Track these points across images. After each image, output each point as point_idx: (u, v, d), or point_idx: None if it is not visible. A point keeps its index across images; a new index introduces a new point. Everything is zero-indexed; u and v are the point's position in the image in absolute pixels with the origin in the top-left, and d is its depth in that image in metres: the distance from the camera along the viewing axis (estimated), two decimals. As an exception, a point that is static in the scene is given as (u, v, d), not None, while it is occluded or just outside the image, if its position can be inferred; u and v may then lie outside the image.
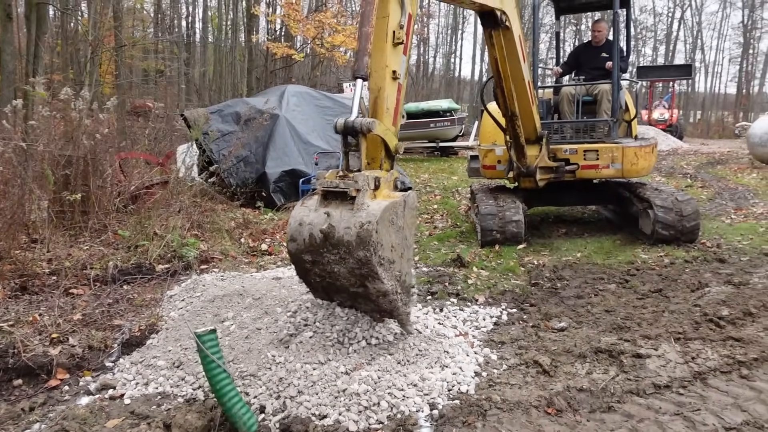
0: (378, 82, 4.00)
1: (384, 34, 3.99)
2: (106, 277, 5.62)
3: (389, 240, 3.63)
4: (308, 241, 3.63)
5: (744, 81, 49.95)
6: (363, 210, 3.52)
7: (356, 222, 3.47)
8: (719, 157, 19.54)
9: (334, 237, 3.52)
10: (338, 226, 3.51)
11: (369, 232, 3.43)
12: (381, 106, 3.96)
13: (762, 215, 9.08)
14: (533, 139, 7.23)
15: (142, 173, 8.46)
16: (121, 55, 22.37)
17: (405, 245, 3.88)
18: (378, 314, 3.90)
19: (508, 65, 6.27)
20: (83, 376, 3.93)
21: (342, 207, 3.61)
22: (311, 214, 3.66)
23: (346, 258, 3.54)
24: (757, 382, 3.63)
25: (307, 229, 3.62)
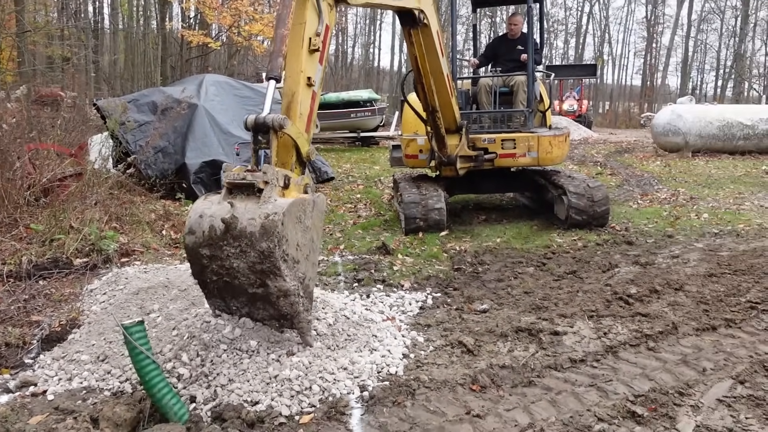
0: (292, 86, 3.91)
1: (300, 40, 3.92)
2: (20, 272, 5.39)
3: (295, 237, 3.43)
4: (208, 234, 3.37)
5: (648, 73, 52.53)
6: (270, 203, 3.34)
7: (261, 213, 3.28)
8: (626, 146, 20.56)
9: (237, 228, 3.29)
10: (242, 217, 3.30)
11: (275, 222, 3.25)
12: (294, 111, 3.86)
13: (665, 200, 9.67)
14: (453, 129, 7.42)
15: (54, 165, 8.10)
16: (24, 41, 21.20)
17: (311, 248, 3.67)
18: (277, 321, 3.62)
19: (428, 61, 6.40)
20: (1, 374, 3.78)
21: (248, 200, 3.41)
22: (213, 206, 3.43)
23: (248, 251, 3.31)
24: (663, 353, 3.92)
25: (208, 221, 3.38)
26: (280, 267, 3.31)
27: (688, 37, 51.82)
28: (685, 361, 3.77)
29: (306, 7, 3.96)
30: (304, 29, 3.95)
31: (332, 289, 5.31)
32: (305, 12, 3.95)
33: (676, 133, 16.40)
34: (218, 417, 3.19)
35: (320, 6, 4.02)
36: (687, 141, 16.27)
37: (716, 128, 16.13)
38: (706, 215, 8.31)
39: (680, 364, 3.73)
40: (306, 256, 3.58)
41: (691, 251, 6.36)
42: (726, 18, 53.08)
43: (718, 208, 8.83)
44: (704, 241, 6.88)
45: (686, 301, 4.79)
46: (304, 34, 3.93)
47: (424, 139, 7.92)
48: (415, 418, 3.17)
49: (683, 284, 5.18)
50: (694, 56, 54.35)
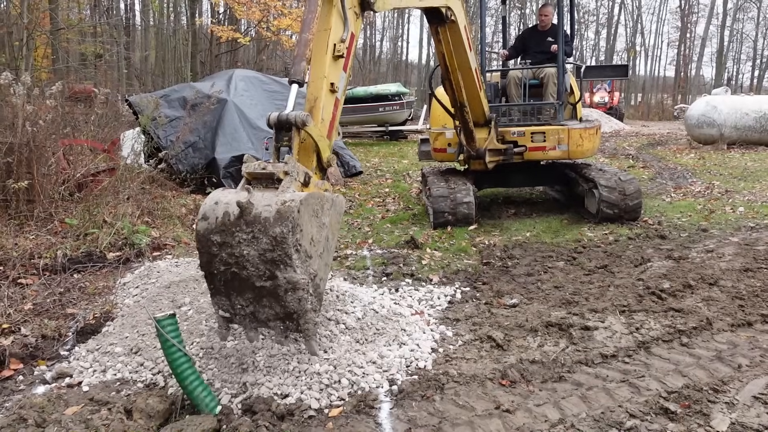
0: (315, 91, 3.85)
1: (324, 45, 3.88)
2: (56, 266, 5.51)
3: (310, 231, 3.32)
4: (221, 220, 3.25)
5: (682, 64, 51.58)
6: (287, 192, 3.26)
7: (278, 200, 3.18)
8: (659, 139, 20.23)
9: (251, 213, 3.18)
10: (258, 203, 3.20)
11: (290, 209, 3.13)
12: (317, 116, 3.80)
13: (700, 193, 9.49)
14: (482, 122, 7.37)
15: (87, 160, 8.25)
16: (58, 38, 21.60)
17: (326, 246, 3.55)
18: (282, 323, 3.35)
19: (455, 57, 6.36)
20: (38, 365, 3.87)
21: (266, 190, 3.33)
22: (230, 194, 3.33)
23: (260, 237, 3.17)
24: (696, 349, 3.85)
25: (223, 207, 3.26)
26: (291, 256, 3.16)
27: (724, 26, 50.72)
28: (719, 358, 3.70)
29: (331, 14, 3.90)
30: (329, 35, 3.89)
31: (361, 283, 5.33)
32: (330, 18, 3.90)
33: (711, 124, 16.07)
34: (249, 409, 3.22)
35: (346, 13, 3.97)
36: (722, 133, 15.94)
37: (752, 119, 15.76)
38: (742, 209, 8.13)
39: (715, 361, 3.66)
40: (319, 254, 3.46)
41: (726, 245, 6.23)
42: (763, 6, 51.84)
43: (754, 202, 8.63)
44: (740, 235, 6.73)
45: (721, 297, 4.70)
46: (328, 40, 3.88)
47: (452, 132, 7.88)
48: (444, 413, 3.16)
49: (718, 279, 5.08)
50: (729, 46, 53.27)
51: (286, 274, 3.18)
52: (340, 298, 4.43)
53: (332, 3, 3.90)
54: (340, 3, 3.90)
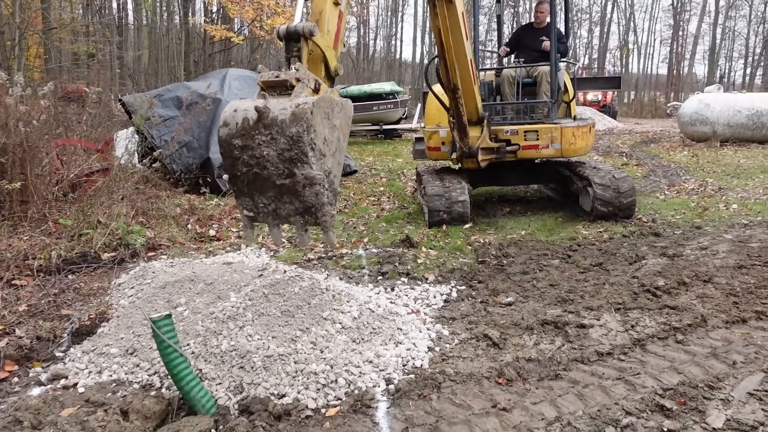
0: (320, 4, 3.95)
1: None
2: (50, 267, 5.49)
3: (323, 131, 3.53)
4: (241, 125, 3.49)
5: (674, 62, 51.73)
6: (300, 96, 3.47)
7: (292, 104, 3.40)
8: (652, 136, 20.30)
9: (268, 116, 3.40)
10: (274, 107, 3.41)
11: (304, 111, 3.34)
12: (322, 28, 3.91)
13: (693, 191, 9.53)
14: (475, 120, 7.37)
15: (81, 161, 8.22)
16: (50, 38, 21.50)
17: (338, 146, 3.77)
18: (302, 217, 3.63)
19: (451, 38, 6.36)
20: (33, 367, 3.85)
21: (280, 97, 3.54)
22: (247, 102, 3.55)
23: (278, 138, 3.42)
24: (691, 346, 3.86)
25: (242, 114, 3.49)
26: (307, 153, 3.39)
27: (716, 24, 50.89)
28: (714, 354, 3.72)
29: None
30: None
31: (357, 283, 5.33)
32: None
33: (704, 122, 16.13)
34: (245, 410, 3.22)
35: None
36: (715, 130, 16.00)
37: (745, 117, 15.84)
38: (735, 206, 8.17)
39: (710, 357, 3.68)
40: (332, 153, 3.67)
41: (720, 242, 6.26)
42: (755, 4, 52.04)
43: (747, 199, 8.67)
44: (733, 232, 6.76)
45: (715, 294, 4.72)
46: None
47: (446, 131, 7.88)
48: (441, 412, 3.17)
49: (712, 276, 5.11)
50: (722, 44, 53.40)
51: (303, 170, 3.43)
52: (336, 297, 4.42)
53: None
54: None
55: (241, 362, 3.57)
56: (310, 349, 3.71)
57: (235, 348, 3.68)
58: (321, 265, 5.98)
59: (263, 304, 4.25)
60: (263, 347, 3.68)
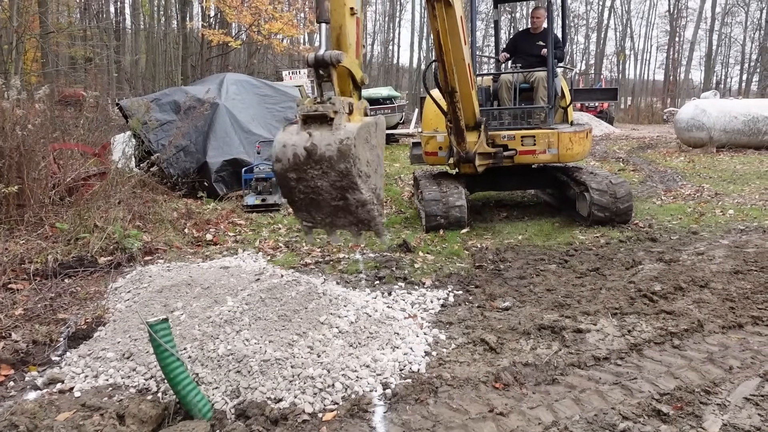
0: (338, 20, 4.07)
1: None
2: (47, 271, 5.47)
3: (365, 156, 3.83)
4: (292, 160, 3.78)
5: (671, 68, 51.89)
6: (341, 129, 3.69)
7: (336, 139, 3.66)
8: (649, 142, 20.35)
9: (317, 153, 3.69)
10: (320, 144, 3.67)
11: (348, 146, 3.62)
12: (344, 42, 4.07)
13: (690, 196, 9.55)
14: (472, 125, 7.38)
15: (78, 164, 8.21)
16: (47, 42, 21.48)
17: (378, 162, 4.08)
18: (356, 227, 4.03)
19: (450, 41, 6.38)
20: (29, 371, 3.84)
21: (322, 128, 3.75)
22: (293, 137, 3.80)
23: (328, 172, 3.73)
24: (688, 351, 3.87)
25: (291, 150, 3.76)
26: (356, 182, 3.70)
27: (712, 30, 51.07)
28: (711, 359, 3.72)
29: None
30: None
31: (354, 287, 5.33)
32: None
33: (700, 128, 16.18)
34: (242, 414, 3.22)
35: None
36: (711, 136, 16.04)
37: (741, 123, 15.89)
38: (732, 211, 8.19)
39: (706, 362, 3.68)
40: (375, 170, 3.98)
41: (716, 248, 6.27)
42: (751, 11, 52.28)
43: (743, 204, 8.69)
44: (730, 237, 6.78)
45: (712, 299, 4.73)
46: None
47: (443, 136, 7.89)
48: (437, 416, 3.16)
49: (709, 281, 5.12)
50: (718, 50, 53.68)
51: (355, 195, 3.76)
52: (333, 302, 4.42)
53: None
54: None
55: (238, 366, 3.56)
56: (307, 354, 3.70)
57: (232, 352, 3.68)
58: (318, 269, 5.98)
59: (260, 309, 4.25)
60: (260, 351, 3.68)
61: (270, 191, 9.27)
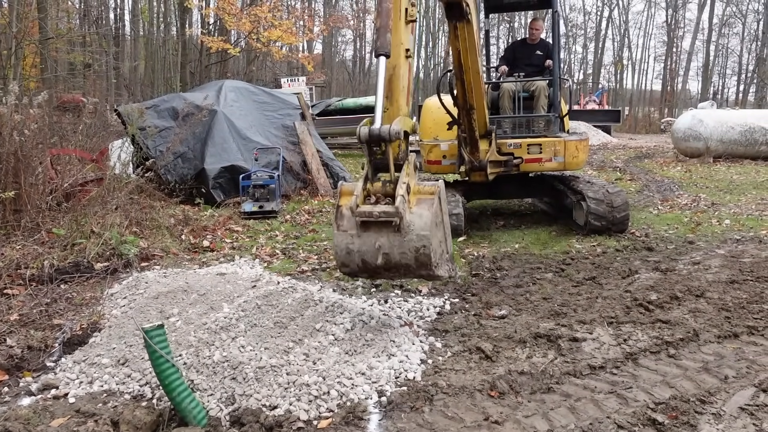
0: (394, 60, 3.96)
1: (398, 11, 3.99)
2: (43, 276, 5.46)
3: (438, 238, 3.80)
4: (362, 266, 3.75)
5: (668, 78, 52.11)
6: (411, 233, 3.58)
7: (410, 247, 3.60)
8: (646, 151, 20.42)
9: (392, 262, 3.67)
10: (392, 252, 3.62)
11: (426, 255, 3.60)
12: (397, 85, 3.96)
13: (686, 206, 9.57)
14: (483, 133, 7.38)
15: (75, 170, 8.21)
16: (47, 48, 21.52)
17: (446, 227, 4.06)
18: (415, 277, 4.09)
19: (469, 56, 6.38)
20: (23, 376, 3.83)
21: (387, 232, 3.62)
22: (356, 240, 3.69)
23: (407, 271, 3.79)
24: (684, 360, 3.87)
25: (358, 256, 3.71)
26: (434, 271, 3.75)
27: (710, 41, 51.39)
28: (706, 369, 3.72)
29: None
30: (401, 0, 4.01)
31: (350, 294, 5.32)
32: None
33: (697, 138, 16.24)
34: (237, 421, 3.21)
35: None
36: (708, 146, 16.10)
37: (738, 133, 15.95)
38: (728, 221, 8.21)
39: (701, 372, 3.68)
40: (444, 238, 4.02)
41: (712, 258, 6.28)
42: (748, 22, 52.60)
43: (740, 214, 8.71)
44: (726, 247, 6.79)
45: (708, 308, 4.73)
46: (401, 5, 4.01)
47: (448, 144, 7.90)
48: (433, 424, 3.16)
49: (704, 291, 5.12)
50: (715, 60, 53.98)
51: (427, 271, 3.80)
52: (329, 309, 4.43)
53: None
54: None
55: (233, 373, 3.56)
56: (302, 361, 3.70)
57: (228, 359, 3.67)
58: (314, 276, 5.97)
59: (256, 315, 4.25)
60: (256, 358, 3.67)
61: (267, 198, 9.28)
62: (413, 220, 3.61)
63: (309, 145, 11.36)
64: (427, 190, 3.84)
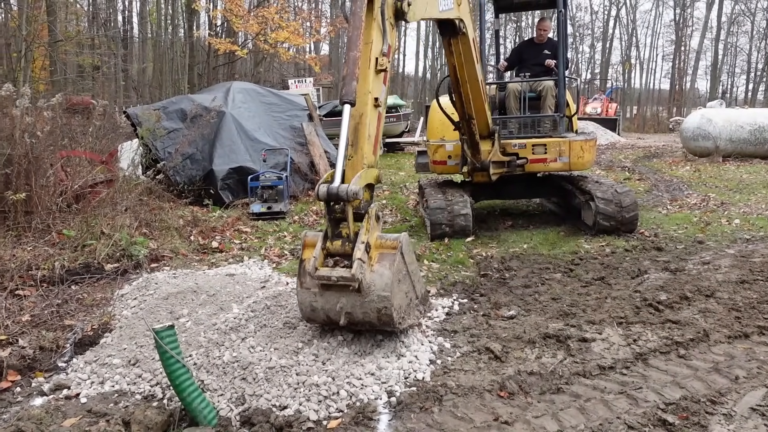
0: (360, 108, 3.93)
1: (368, 60, 3.99)
2: (54, 277, 5.50)
3: (401, 294, 3.86)
4: (327, 320, 3.86)
5: (677, 77, 51.85)
6: (372, 293, 3.66)
7: (371, 308, 3.68)
8: (655, 151, 20.32)
9: (356, 319, 3.76)
10: (354, 311, 3.72)
11: (388, 315, 3.68)
12: (363, 133, 3.92)
13: (696, 205, 9.53)
14: (485, 134, 7.39)
15: (85, 172, 8.26)
16: (56, 50, 21.66)
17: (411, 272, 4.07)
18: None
19: (465, 69, 6.40)
20: (35, 377, 3.86)
21: (348, 293, 3.69)
22: (319, 299, 3.79)
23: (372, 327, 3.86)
24: (694, 360, 3.86)
25: (323, 313, 3.81)
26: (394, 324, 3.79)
27: (718, 39, 51.11)
28: (717, 369, 3.71)
29: (372, 27, 4.02)
30: (371, 49, 4.01)
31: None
32: (371, 32, 4.02)
33: (706, 137, 16.15)
34: (247, 421, 3.22)
35: (384, 25, 4.07)
36: (717, 145, 16.01)
37: (747, 132, 15.85)
38: (738, 221, 8.17)
39: (712, 372, 3.67)
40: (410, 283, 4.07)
41: (722, 257, 6.26)
42: (757, 20, 52.25)
43: (749, 214, 8.67)
44: (736, 247, 6.76)
45: (718, 308, 4.71)
46: (371, 54, 4.00)
47: (452, 144, 7.91)
48: (442, 424, 3.16)
49: (714, 291, 5.10)
50: (724, 59, 53.61)
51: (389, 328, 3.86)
52: (339, 309, 4.43)
53: (372, 16, 4.00)
54: (379, 15, 3.99)
55: (243, 373, 3.58)
56: (312, 361, 3.71)
57: (237, 359, 3.69)
58: (323, 277, 5.97)
59: (265, 316, 4.27)
60: (265, 359, 3.69)
61: (275, 199, 9.30)
62: (374, 279, 3.68)
63: (317, 146, 11.39)
64: (389, 245, 3.84)
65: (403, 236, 3.97)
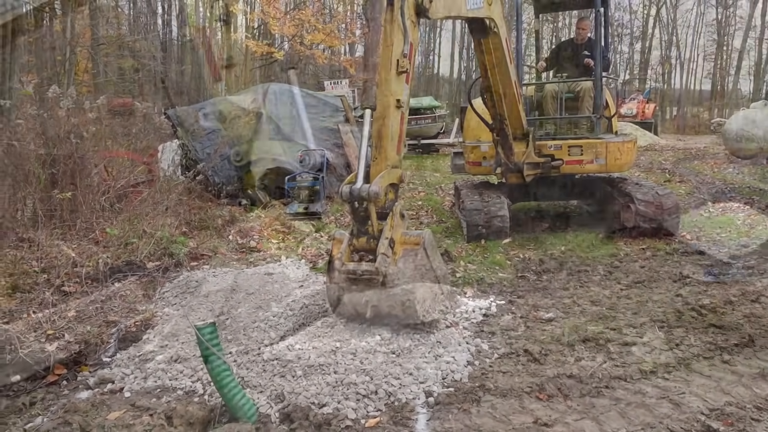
0: (382, 110, 4.02)
1: (389, 63, 4.04)
2: (98, 274, 5.63)
3: (425, 288, 3.99)
4: (355, 313, 4.01)
5: (719, 77, 50.67)
6: (397, 287, 3.83)
7: (397, 301, 3.84)
8: (696, 153, 19.89)
9: (382, 313, 3.91)
10: (380, 305, 3.87)
11: (413, 309, 3.82)
12: (385, 134, 4.01)
13: (739, 208, 9.30)
14: (520, 135, 7.34)
15: (127, 172, 8.45)
16: (99, 53, 22.16)
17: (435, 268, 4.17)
18: None
19: (497, 69, 6.36)
20: (81, 371, 3.96)
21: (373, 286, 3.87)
22: (346, 293, 3.98)
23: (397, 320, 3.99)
24: (738, 366, 3.77)
25: (351, 306, 3.98)
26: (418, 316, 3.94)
27: (762, 39, 49.70)
28: (762, 375, 3.62)
29: (393, 27, 4.06)
30: (392, 51, 4.06)
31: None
32: (392, 33, 4.07)
33: (750, 139, 15.75)
34: (286, 418, 3.26)
35: (405, 24, 4.09)
36: (762, 147, 15.60)
37: (793, 134, 15.41)
38: (784, 224, 7.95)
39: (757, 378, 3.58)
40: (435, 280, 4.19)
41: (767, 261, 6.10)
42: (802, 19, 50.71)
43: (795, 217, 8.43)
44: (781, 251, 6.58)
45: (763, 313, 4.59)
46: (392, 56, 4.06)
47: (487, 146, 7.86)
48: (480, 426, 3.15)
49: (760, 295, 4.97)
50: (767, 59, 52.13)
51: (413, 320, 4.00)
52: (376, 309, 4.45)
53: (393, 16, 4.02)
54: (399, 15, 4.01)
55: (282, 371, 3.61)
56: (350, 360, 3.73)
57: (277, 357, 3.73)
58: (360, 277, 6.00)
59: (304, 315, 4.31)
60: (304, 357, 3.72)
61: (312, 199, 9.37)
62: (397, 273, 3.86)
63: (352, 148, 11.43)
64: (413, 241, 4.01)
65: (426, 233, 4.14)
